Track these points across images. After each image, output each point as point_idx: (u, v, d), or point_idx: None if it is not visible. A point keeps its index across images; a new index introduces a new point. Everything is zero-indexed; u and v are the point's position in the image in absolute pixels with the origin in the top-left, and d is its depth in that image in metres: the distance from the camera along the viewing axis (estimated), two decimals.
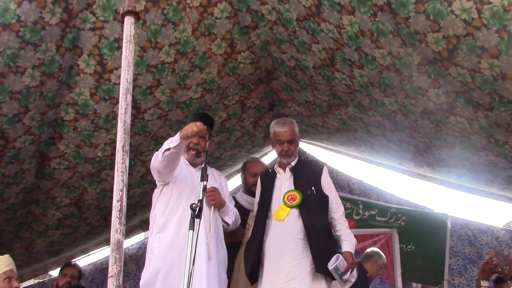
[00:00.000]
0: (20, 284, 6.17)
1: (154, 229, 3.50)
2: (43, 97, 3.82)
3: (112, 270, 2.39)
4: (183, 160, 3.74)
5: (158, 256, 3.37)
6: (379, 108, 4.36)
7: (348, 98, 4.51)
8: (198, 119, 3.74)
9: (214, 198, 3.44)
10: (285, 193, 3.62)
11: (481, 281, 3.70)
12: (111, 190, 2.84)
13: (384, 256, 5.50)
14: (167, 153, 3.27)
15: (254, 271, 3.55)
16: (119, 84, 3.11)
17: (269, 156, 7.02)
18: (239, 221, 3.79)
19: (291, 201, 3.58)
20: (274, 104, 5.51)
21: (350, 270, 3.44)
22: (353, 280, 3.52)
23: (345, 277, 3.42)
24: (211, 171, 3.73)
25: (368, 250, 5.57)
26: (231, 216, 3.63)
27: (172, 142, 3.27)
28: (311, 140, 6.49)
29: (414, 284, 6.31)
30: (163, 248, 3.38)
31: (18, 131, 3.93)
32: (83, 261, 6.66)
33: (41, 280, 6.74)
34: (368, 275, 5.31)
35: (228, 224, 3.62)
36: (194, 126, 3.22)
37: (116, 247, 2.45)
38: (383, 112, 4.39)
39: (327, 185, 3.71)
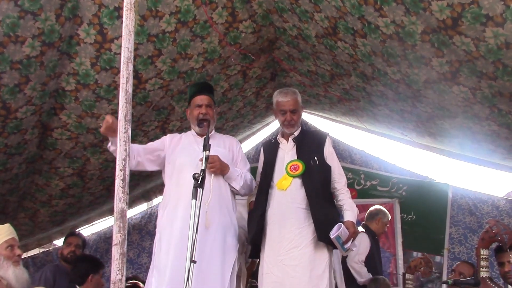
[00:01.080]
0: (25, 253, 6.29)
1: (161, 205, 3.61)
2: (43, 67, 3.80)
3: (116, 238, 2.42)
4: (191, 132, 3.76)
5: (163, 232, 3.46)
6: (382, 78, 4.33)
7: (351, 68, 4.47)
8: (197, 90, 3.74)
9: (212, 166, 3.43)
10: (288, 163, 3.64)
11: (481, 250, 3.74)
12: (113, 161, 2.85)
13: (387, 212, 5.50)
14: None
15: (257, 240, 3.59)
16: (120, 53, 3.09)
17: (271, 127, 7.03)
18: (254, 185, 3.75)
19: (293, 171, 3.60)
20: (276, 74, 5.48)
21: (352, 239, 3.48)
22: (354, 249, 3.56)
23: (347, 246, 3.47)
24: (222, 138, 3.74)
25: (371, 208, 5.53)
26: (239, 181, 3.58)
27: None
28: (313, 110, 6.48)
29: (415, 253, 6.37)
30: (166, 222, 3.45)
31: (19, 101, 3.92)
32: (87, 231, 6.75)
33: (45, 249, 6.83)
34: (376, 236, 5.37)
35: (236, 189, 3.61)
36: (105, 122, 3.27)
37: (120, 215, 2.48)
38: (385, 82, 4.37)
39: (329, 155, 3.71)
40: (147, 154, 3.60)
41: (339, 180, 3.66)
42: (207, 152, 3.21)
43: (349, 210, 3.58)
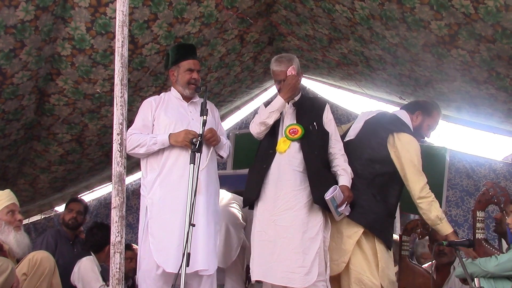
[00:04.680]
0: (27, 219, 6.36)
1: (148, 170, 3.51)
2: (38, 31, 3.76)
3: (115, 201, 2.46)
4: (171, 94, 3.72)
5: (160, 199, 3.41)
6: (380, 42, 4.30)
7: (349, 32, 4.43)
8: (189, 53, 3.69)
9: (214, 139, 3.50)
10: (287, 126, 3.66)
11: (477, 212, 3.79)
12: (111, 127, 2.86)
13: None
14: (152, 147, 3.39)
15: (253, 201, 3.64)
16: (115, 18, 3.06)
17: (269, 92, 6.99)
18: (231, 151, 3.87)
19: (292, 134, 3.62)
20: (273, 38, 5.43)
21: (346, 202, 3.52)
22: (347, 213, 3.59)
23: (341, 209, 3.50)
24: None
25: None
26: (226, 149, 3.71)
27: (157, 143, 3.39)
28: (311, 75, 6.44)
29: (412, 216, 6.44)
30: (165, 189, 3.41)
31: (15, 66, 3.90)
32: (88, 197, 6.81)
33: (47, 215, 6.90)
34: None
35: (222, 157, 3.72)
36: (187, 138, 3.31)
37: (118, 179, 2.51)
38: (384, 46, 4.34)
39: (328, 121, 3.76)
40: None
41: (334, 146, 3.70)
42: (205, 117, 3.25)
43: (344, 175, 3.61)
